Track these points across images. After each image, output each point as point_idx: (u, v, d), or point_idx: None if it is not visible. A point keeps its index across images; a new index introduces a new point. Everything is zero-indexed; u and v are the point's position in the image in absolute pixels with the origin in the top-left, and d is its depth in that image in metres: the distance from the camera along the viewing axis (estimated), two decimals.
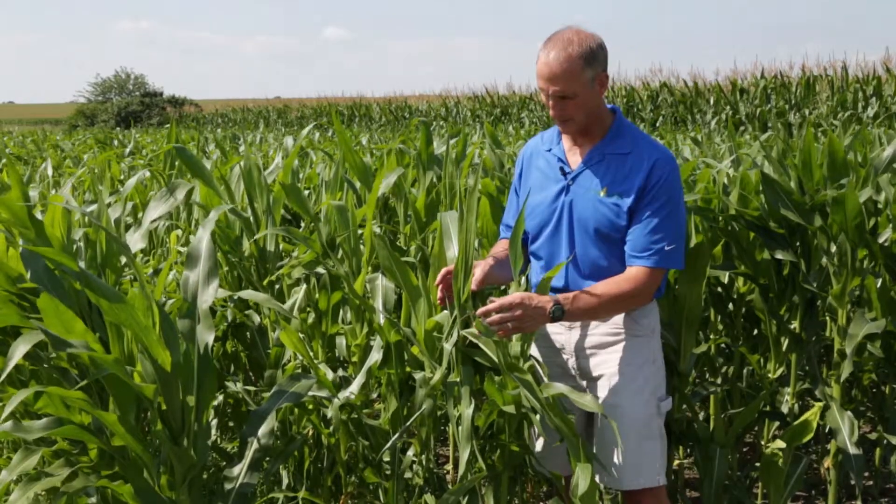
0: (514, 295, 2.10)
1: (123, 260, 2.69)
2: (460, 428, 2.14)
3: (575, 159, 2.33)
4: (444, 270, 2.28)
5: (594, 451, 2.27)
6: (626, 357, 2.32)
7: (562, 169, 2.33)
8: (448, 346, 2.21)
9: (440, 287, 2.29)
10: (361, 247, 2.96)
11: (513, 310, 2.07)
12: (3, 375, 1.75)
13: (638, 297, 2.24)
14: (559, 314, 2.12)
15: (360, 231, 3.13)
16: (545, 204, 2.34)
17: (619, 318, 2.32)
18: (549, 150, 2.39)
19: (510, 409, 2.12)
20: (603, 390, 2.32)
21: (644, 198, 2.21)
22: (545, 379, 2.18)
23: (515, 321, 2.07)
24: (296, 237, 2.96)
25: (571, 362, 2.39)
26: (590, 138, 2.31)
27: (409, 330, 2.45)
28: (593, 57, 2.17)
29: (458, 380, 2.18)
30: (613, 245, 2.27)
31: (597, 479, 2.14)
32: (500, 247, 2.46)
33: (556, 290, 2.27)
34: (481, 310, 2.10)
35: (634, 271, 2.23)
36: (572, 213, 2.29)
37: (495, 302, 2.09)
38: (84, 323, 1.90)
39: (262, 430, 2.22)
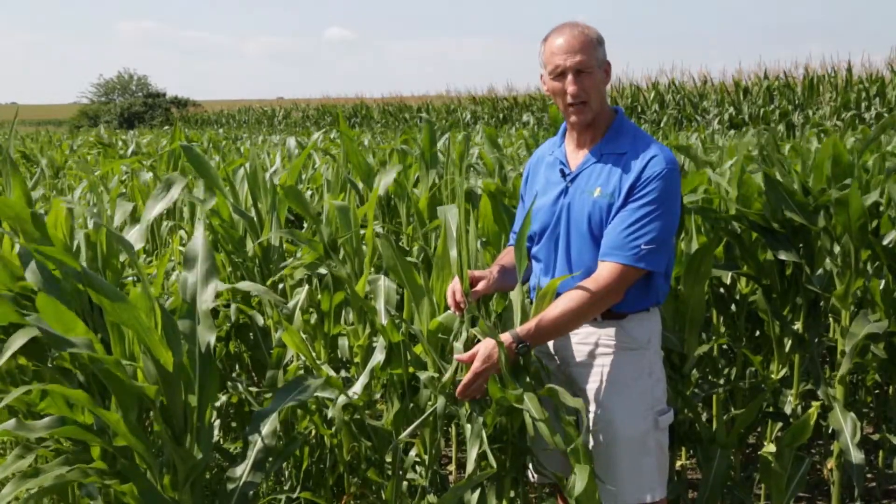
0: (473, 356, 2.11)
1: (123, 259, 2.68)
2: (469, 425, 2.15)
3: (575, 161, 2.31)
4: (454, 283, 2.29)
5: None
6: (619, 371, 2.25)
7: (562, 171, 2.31)
8: (459, 346, 2.22)
9: (454, 297, 2.29)
10: (364, 247, 2.95)
11: (476, 380, 2.10)
12: (1, 362, 1.74)
13: (607, 298, 2.14)
14: (524, 350, 2.11)
15: (362, 231, 3.13)
16: (546, 206, 2.32)
17: (611, 330, 2.26)
18: (552, 154, 2.39)
19: (518, 405, 2.11)
20: (594, 404, 2.27)
21: (632, 194, 2.15)
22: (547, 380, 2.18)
23: (483, 380, 2.10)
24: (299, 239, 2.95)
25: (563, 369, 2.35)
26: (592, 136, 2.29)
27: (417, 328, 2.44)
28: (601, 41, 2.23)
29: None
30: None
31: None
32: (506, 254, 2.45)
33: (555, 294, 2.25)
34: (459, 388, 2.13)
35: (603, 269, 2.14)
36: (569, 214, 2.26)
37: (463, 380, 2.12)
38: (85, 323, 1.89)
39: (265, 431, 2.21)
